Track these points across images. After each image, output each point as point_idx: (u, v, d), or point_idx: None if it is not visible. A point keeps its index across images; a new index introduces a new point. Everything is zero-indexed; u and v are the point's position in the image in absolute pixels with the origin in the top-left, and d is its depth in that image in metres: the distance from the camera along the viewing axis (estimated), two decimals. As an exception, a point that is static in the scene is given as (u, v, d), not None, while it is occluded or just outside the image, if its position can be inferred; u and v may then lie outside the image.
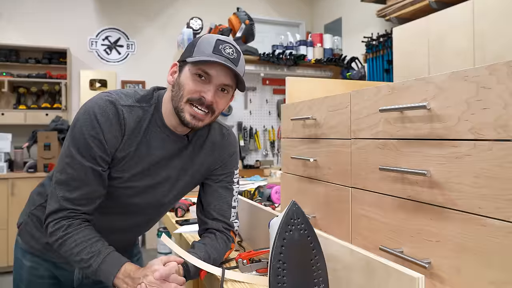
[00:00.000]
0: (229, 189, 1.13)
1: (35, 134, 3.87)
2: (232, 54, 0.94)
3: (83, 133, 0.92)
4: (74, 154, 0.92)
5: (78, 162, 0.92)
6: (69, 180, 0.93)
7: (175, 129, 1.01)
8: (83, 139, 0.92)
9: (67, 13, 4.36)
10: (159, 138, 1.00)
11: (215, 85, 0.95)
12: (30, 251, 1.12)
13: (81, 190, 0.93)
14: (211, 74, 0.93)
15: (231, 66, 0.92)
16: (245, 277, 0.97)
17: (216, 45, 0.93)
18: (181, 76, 0.96)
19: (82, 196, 0.93)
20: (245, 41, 3.67)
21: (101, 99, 0.95)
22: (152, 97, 1.01)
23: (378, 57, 3.79)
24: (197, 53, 0.94)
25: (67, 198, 0.93)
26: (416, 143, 0.81)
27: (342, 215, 1.08)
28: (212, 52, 0.92)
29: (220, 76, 0.94)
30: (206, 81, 0.94)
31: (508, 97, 0.62)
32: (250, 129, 4.27)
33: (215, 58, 0.91)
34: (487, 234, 0.66)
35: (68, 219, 0.93)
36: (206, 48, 0.93)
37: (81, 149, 0.92)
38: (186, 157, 1.06)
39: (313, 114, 1.23)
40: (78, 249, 0.91)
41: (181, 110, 0.95)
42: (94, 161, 0.93)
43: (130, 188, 1.01)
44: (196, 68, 0.93)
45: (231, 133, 1.16)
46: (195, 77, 0.94)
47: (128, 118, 0.95)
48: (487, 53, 2.30)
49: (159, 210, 1.11)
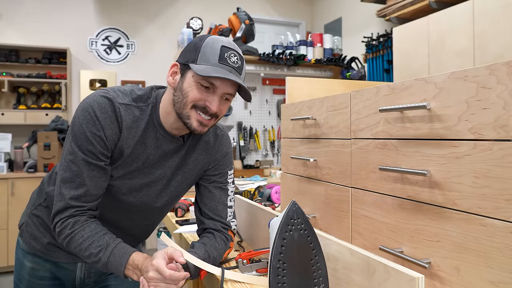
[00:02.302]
0: (223, 189, 1.13)
1: (35, 134, 3.87)
2: (237, 62, 0.95)
3: (83, 130, 0.93)
4: (76, 151, 0.93)
5: (81, 158, 0.93)
6: (74, 177, 0.94)
7: (172, 130, 1.01)
8: (84, 136, 0.93)
9: (67, 13, 4.36)
10: (155, 138, 1.01)
11: (219, 95, 0.95)
12: (31, 251, 1.12)
13: (86, 186, 0.94)
14: (216, 85, 0.94)
15: (237, 79, 0.93)
16: (245, 277, 0.97)
17: (222, 53, 0.93)
18: (184, 82, 0.95)
19: (87, 193, 0.95)
20: (245, 41, 3.67)
21: (99, 96, 0.95)
22: (150, 97, 1.02)
23: (378, 57, 3.79)
24: (202, 60, 0.93)
25: (73, 196, 0.94)
26: (416, 143, 0.81)
27: (342, 215, 1.08)
28: (218, 62, 0.92)
29: (225, 87, 0.95)
30: (211, 91, 0.95)
31: (508, 97, 0.62)
32: (250, 129, 4.27)
33: (221, 73, 0.91)
34: (487, 234, 0.66)
35: (74, 217, 0.94)
36: (211, 56, 0.93)
37: (83, 146, 0.93)
38: (180, 156, 1.07)
39: (313, 114, 1.23)
40: (86, 244, 0.92)
41: (187, 117, 0.95)
42: (96, 157, 0.94)
43: (124, 185, 1.01)
44: (201, 78, 0.93)
45: (224, 133, 1.16)
46: (200, 86, 0.94)
47: (124, 116, 0.96)
48: (487, 53, 2.30)
49: (154, 210, 1.11)
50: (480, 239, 0.68)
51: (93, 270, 1.16)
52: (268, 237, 0.87)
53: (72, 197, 0.93)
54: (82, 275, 1.15)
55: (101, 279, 1.19)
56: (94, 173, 0.95)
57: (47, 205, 1.08)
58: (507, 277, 0.63)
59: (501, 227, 0.64)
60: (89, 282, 1.17)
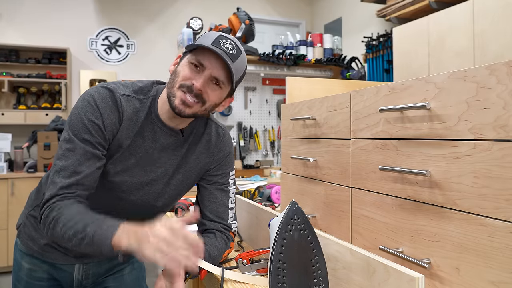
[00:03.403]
0: (224, 191, 1.12)
1: (35, 134, 3.87)
2: (231, 50, 0.95)
3: (81, 117, 0.92)
4: (72, 139, 0.92)
5: (77, 146, 0.91)
6: (68, 166, 0.91)
7: (169, 122, 1.02)
8: (82, 124, 0.92)
9: (67, 13, 4.36)
10: (152, 131, 1.01)
11: (206, 75, 0.95)
12: (29, 252, 1.12)
13: (78, 175, 0.91)
14: (204, 65, 0.95)
15: (226, 58, 0.92)
16: (245, 277, 0.97)
17: (217, 38, 0.95)
18: (179, 66, 0.99)
19: (79, 181, 0.91)
20: (245, 41, 3.67)
21: (100, 87, 0.97)
22: (151, 90, 1.03)
23: (378, 57, 3.79)
24: (197, 43, 0.96)
25: (64, 184, 0.90)
26: (416, 143, 0.81)
27: (342, 215, 1.08)
28: (211, 44, 0.94)
29: (213, 68, 0.95)
30: (200, 71, 0.96)
31: (508, 97, 0.62)
32: (250, 129, 4.27)
33: (211, 47, 0.92)
34: (487, 234, 0.66)
35: (62, 201, 0.89)
36: (207, 40, 0.95)
37: (79, 133, 0.92)
38: (181, 154, 1.06)
39: (313, 114, 1.23)
40: (71, 223, 0.83)
41: (172, 95, 0.96)
42: (92, 145, 0.93)
43: (124, 183, 1.01)
44: (193, 57, 0.95)
45: (226, 133, 1.16)
46: (191, 66, 0.96)
47: (125, 106, 0.97)
48: (487, 53, 2.30)
49: (155, 209, 1.10)
50: (480, 239, 0.68)
51: (90, 272, 1.16)
52: (268, 237, 0.87)
53: (63, 186, 0.89)
54: (80, 276, 1.15)
55: (99, 281, 1.18)
56: (90, 163, 0.92)
57: None
58: (507, 277, 0.63)
59: (501, 227, 0.64)
60: (87, 284, 1.17)
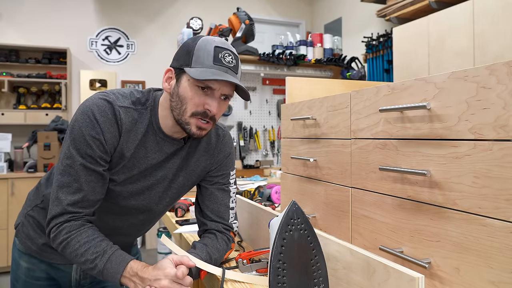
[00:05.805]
0: (225, 191, 1.12)
1: (35, 134, 3.87)
2: (232, 61, 0.93)
3: (83, 133, 0.91)
4: (74, 155, 0.92)
5: (79, 163, 0.91)
6: (71, 182, 0.92)
7: (172, 134, 1.01)
8: (83, 140, 0.91)
9: (67, 13, 4.36)
10: (155, 142, 1.00)
11: (218, 97, 0.94)
12: (27, 252, 1.12)
13: (83, 192, 0.92)
14: (214, 87, 0.92)
15: (234, 80, 0.91)
16: (245, 277, 0.97)
17: (216, 53, 0.91)
18: (180, 87, 0.94)
19: (84, 198, 0.93)
20: (245, 41, 3.67)
21: (98, 99, 0.94)
22: (148, 100, 1.00)
23: (378, 57, 3.79)
24: (197, 64, 0.91)
25: (70, 201, 0.92)
26: (416, 143, 0.81)
27: (342, 215, 1.08)
28: (213, 63, 0.91)
29: (223, 88, 0.94)
30: (209, 93, 0.93)
31: (508, 97, 0.62)
32: (250, 129, 4.27)
33: (217, 74, 0.89)
34: (487, 234, 0.66)
35: (69, 222, 0.92)
36: (206, 58, 0.91)
37: (81, 150, 0.91)
38: (181, 157, 1.06)
39: (313, 114, 1.23)
40: (83, 249, 0.90)
41: (186, 124, 0.94)
42: (95, 161, 0.92)
43: (125, 190, 1.00)
44: (198, 81, 0.91)
45: (226, 133, 1.15)
46: (197, 89, 0.92)
47: (124, 119, 0.95)
48: (487, 53, 2.30)
49: (155, 211, 1.10)
50: (480, 239, 0.68)
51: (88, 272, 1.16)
52: (268, 237, 0.87)
53: (69, 203, 0.91)
54: (78, 276, 1.15)
55: (97, 280, 1.19)
56: (92, 178, 0.93)
57: (43, 206, 1.07)
58: (507, 277, 0.63)
59: (501, 227, 0.64)
60: (85, 283, 1.17)
